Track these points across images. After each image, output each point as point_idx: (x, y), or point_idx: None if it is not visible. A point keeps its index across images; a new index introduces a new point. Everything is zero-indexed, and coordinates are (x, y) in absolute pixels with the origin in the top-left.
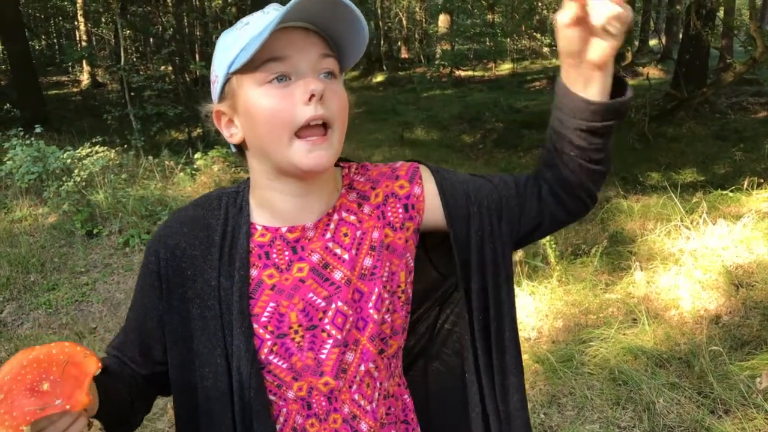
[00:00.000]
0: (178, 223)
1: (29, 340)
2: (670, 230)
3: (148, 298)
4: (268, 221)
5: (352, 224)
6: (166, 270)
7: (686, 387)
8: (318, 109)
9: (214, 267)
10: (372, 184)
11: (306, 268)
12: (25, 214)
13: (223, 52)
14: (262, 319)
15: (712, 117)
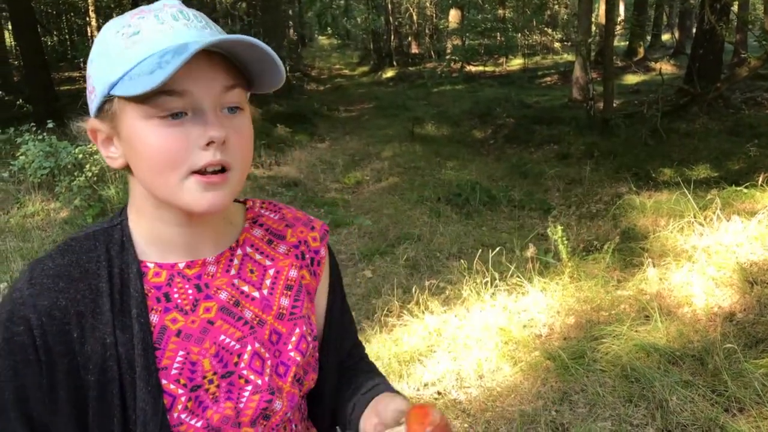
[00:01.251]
0: (47, 277)
1: None
2: (683, 226)
3: (24, 379)
4: (160, 257)
5: (258, 262)
6: (43, 339)
7: (700, 385)
8: (216, 155)
9: (107, 321)
10: (288, 223)
11: (214, 308)
12: (38, 208)
13: (104, 62)
14: (172, 372)
15: (726, 112)
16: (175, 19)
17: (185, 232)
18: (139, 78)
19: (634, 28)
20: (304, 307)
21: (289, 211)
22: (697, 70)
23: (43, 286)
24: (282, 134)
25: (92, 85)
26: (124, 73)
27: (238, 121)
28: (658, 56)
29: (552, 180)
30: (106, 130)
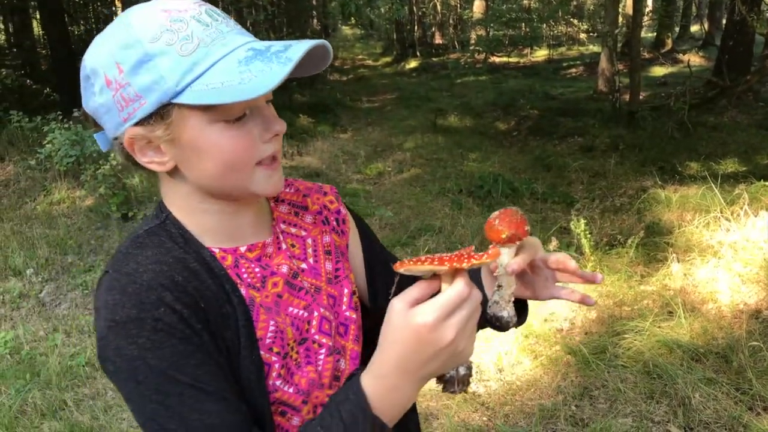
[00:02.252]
0: (150, 265)
1: (67, 320)
2: (709, 222)
3: (195, 357)
4: (222, 243)
5: (295, 235)
6: (188, 310)
7: (723, 382)
8: (276, 145)
9: (215, 294)
10: (304, 193)
11: (280, 282)
12: (63, 196)
13: (149, 68)
14: (267, 341)
15: (756, 106)
16: (215, 20)
17: (228, 220)
18: (225, 88)
19: (662, 18)
20: (345, 268)
21: (300, 183)
22: (726, 62)
23: (153, 271)
24: (304, 124)
25: (135, 94)
26: (192, 81)
27: (274, 110)
28: (687, 48)
29: (576, 173)
30: (153, 137)
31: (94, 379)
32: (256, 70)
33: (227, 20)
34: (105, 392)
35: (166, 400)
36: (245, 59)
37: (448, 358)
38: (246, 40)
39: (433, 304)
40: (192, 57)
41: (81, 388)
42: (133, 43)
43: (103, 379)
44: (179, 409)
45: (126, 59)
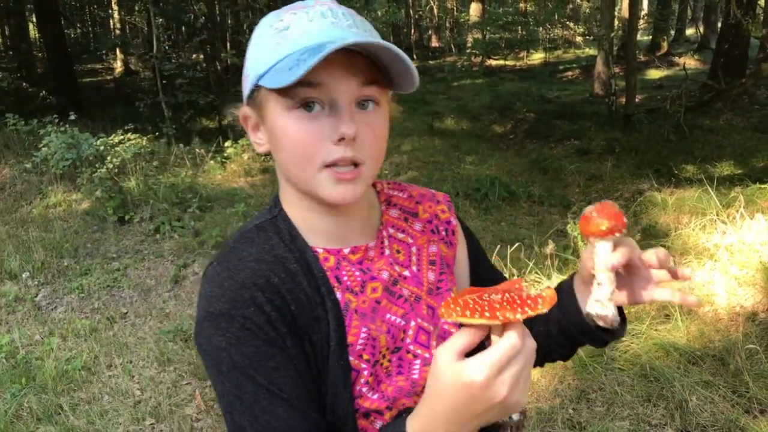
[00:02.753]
0: (250, 263)
1: (63, 324)
2: (705, 224)
3: (273, 359)
4: (325, 243)
5: (402, 241)
6: (276, 312)
7: (720, 385)
8: (347, 152)
9: (309, 297)
10: (417, 200)
11: (380, 288)
12: (60, 199)
13: (256, 53)
14: (357, 347)
15: (751, 108)
16: (324, 17)
17: (336, 221)
18: (281, 73)
19: (658, 22)
20: (448, 280)
21: (413, 188)
22: (721, 65)
23: (252, 269)
24: None
25: (246, 72)
26: (271, 66)
27: (372, 117)
28: (682, 51)
29: (572, 176)
30: (254, 118)
31: (90, 383)
32: (302, 60)
33: (344, 18)
34: (101, 396)
35: (242, 396)
36: (307, 49)
37: (501, 411)
38: (340, 35)
39: (484, 361)
40: (281, 44)
41: (77, 392)
42: (259, 27)
43: (99, 383)
44: (252, 406)
45: (250, 44)
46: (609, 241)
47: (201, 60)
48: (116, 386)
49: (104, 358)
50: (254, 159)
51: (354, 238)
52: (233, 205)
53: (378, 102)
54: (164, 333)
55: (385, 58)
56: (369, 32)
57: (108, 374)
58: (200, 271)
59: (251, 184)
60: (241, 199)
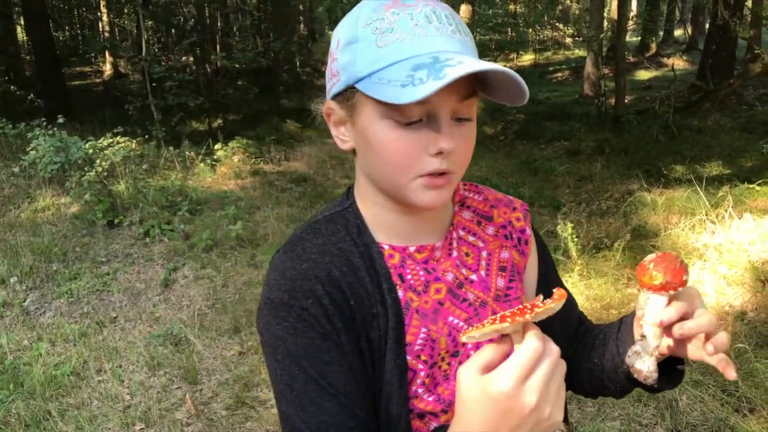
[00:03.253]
0: (313, 254)
1: (51, 329)
2: (694, 224)
3: (327, 353)
4: (392, 240)
5: (472, 244)
6: (333, 307)
7: (710, 385)
8: (443, 164)
9: (369, 292)
10: (492, 203)
11: (444, 289)
12: (48, 203)
13: (353, 52)
14: (416, 347)
15: (739, 109)
16: (429, 21)
17: (406, 219)
18: (389, 86)
19: (647, 23)
20: (518, 288)
21: (490, 192)
22: (709, 66)
23: (314, 261)
24: (291, 129)
25: (336, 69)
26: (373, 72)
27: (466, 130)
28: (671, 52)
29: (562, 176)
30: (341, 115)
31: (79, 388)
32: (417, 78)
33: (448, 22)
34: (90, 401)
35: (293, 384)
36: (419, 65)
37: (535, 425)
38: (448, 45)
39: (507, 369)
40: (385, 49)
41: (66, 398)
42: (353, 23)
43: (88, 388)
44: (301, 396)
45: (343, 36)
46: (663, 295)
47: (191, 62)
48: (105, 391)
49: (93, 363)
50: (244, 162)
51: (422, 236)
52: (223, 208)
53: (472, 118)
54: (154, 337)
55: (498, 79)
56: (467, 36)
57: (97, 379)
58: (190, 275)
59: (241, 186)
60: (231, 202)
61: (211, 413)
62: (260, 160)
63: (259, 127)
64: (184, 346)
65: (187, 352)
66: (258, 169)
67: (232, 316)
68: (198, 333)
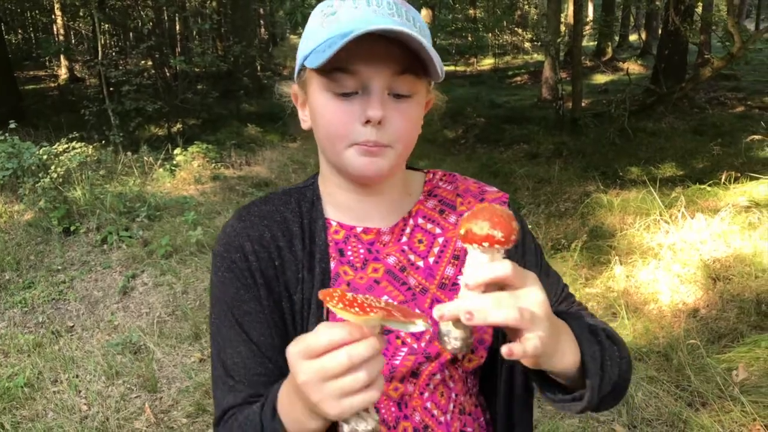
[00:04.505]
0: (254, 216)
1: (5, 339)
2: (649, 224)
3: (248, 305)
4: (341, 218)
5: (428, 231)
6: (258, 263)
7: (664, 380)
8: (373, 134)
9: (298, 259)
10: (459, 193)
11: (381, 269)
12: (0, 210)
13: (306, 34)
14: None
15: (691, 112)
16: (368, 5)
17: (359, 199)
18: (318, 54)
19: (602, 28)
20: None
21: (467, 182)
22: (663, 70)
23: (251, 222)
24: (253, 134)
25: (298, 53)
26: (313, 49)
27: (405, 106)
28: (626, 56)
29: (521, 179)
30: (301, 95)
31: (33, 400)
32: (333, 43)
33: (387, 7)
34: (45, 413)
35: (221, 327)
36: (344, 34)
37: (306, 401)
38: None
39: (302, 336)
40: (326, 29)
41: (19, 410)
42: (316, 10)
43: (43, 400)
44: (224, 338)
45: (307, 23)
46: (485, 252)
47: (149, 66)
48: (62, 402)
49: (49, 374)
50: (204, 167)
51: (375, 220)
52: (183, 214)
53: (412, 95)
54: (112, 345)
55: (414, 47)
56: (411, 22)
57: (53, 390)
58: (149, 282)
59: (201, 191)
60: (191, 207)
61: (171, 421)
62: (221, 164)
63: (220, 132)
64: (144, 355)
65: (146, 360)
66: (218, 174)
67: (192, 323)
68: (157, 341)
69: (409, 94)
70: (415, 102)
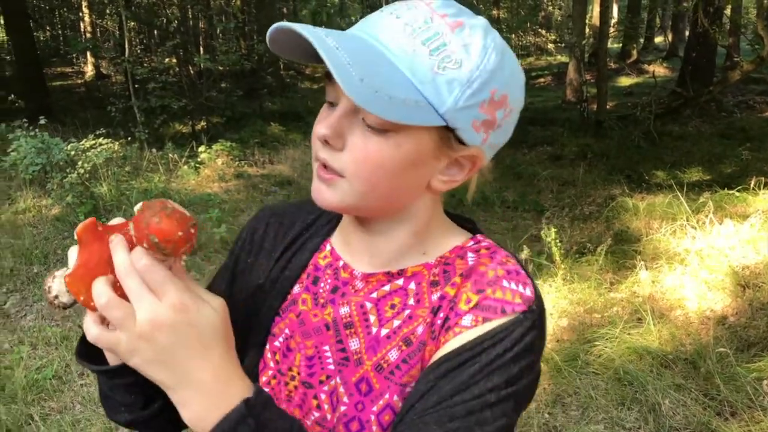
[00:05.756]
0: (270, 211)
1: (33, 332)
2: (675, 230)
3: (219, 278)
4: (339, 246)
5: (406, 299)
6: (239, 252)
7: (692, 388)
8: (322, 153)
9: (268, 267)
10: (463, 273)
11: (330, 316)
12: (29, 205)
13: None
14: (276, 342)
15: (719, 116)
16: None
17: (357, 232)
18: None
19: (628, 30)
20: (408, 373)
21: (489, 263)
22: (690, 73)
23: (263, 213)
24: (276, 132)
25: None
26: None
27: (374, 140)
28: (652, 59)
29: (545, 181)
30: None
31: (61, 392)
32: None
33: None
34: (73, 406)
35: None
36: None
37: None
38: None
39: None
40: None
41: (48, 401)
42: None
43: (71, 392)
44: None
45: None
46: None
47: (174, 64)
48: (88, 395)
49: (76, 367)
50: (228, 164)
51: (363, 261)
52: (207, 211)
53: (387, 128)
54: None
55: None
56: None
57: (80, 383)
58: None
59: (225, 189)
60: (215, 205)
61: None
62: (244, 162)
63: (243, 130)
64: None
65: None
66: (242, 172)
67: None
68: None
69: (378, 128)
70: (392, 143)
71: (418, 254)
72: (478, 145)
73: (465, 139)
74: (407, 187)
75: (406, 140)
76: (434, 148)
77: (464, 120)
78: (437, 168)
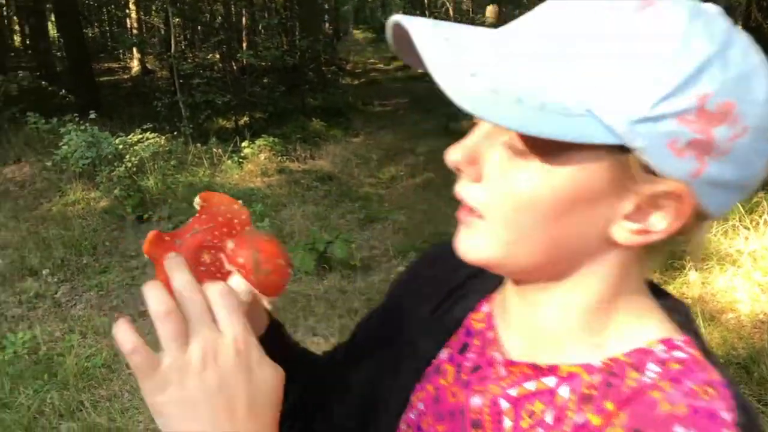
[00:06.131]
0: (440, 249)
1: (82, 321)
2: (727, 230)
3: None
4: (497, 311)
5: (543, 419)
6: (395, 298)
7: (745, 393)
8: (458, 186)
9: (416, 324)
10: (628, 396)
11: (462, 401)
12: (79, 197)
13: None
14: (410, 415)
15: None
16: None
17: (512, 295)
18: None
19: None
20: None
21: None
22: None
23: (426, 258)
24: (317, 128)
25: None
26: None
27: (518, 165)
28: None
29: None
30: None
31: (110, 381)
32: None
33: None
34: (122, 394)
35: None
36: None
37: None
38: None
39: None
40: None
41: (98, 389)
42: None
43: (119, 381)
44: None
45: None
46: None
47: (217, 60)
48: (136, 384)
49: (123, 357)
50: (270, 159)
51: (513, 338)
52: (250, 205)
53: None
54: None
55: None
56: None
57: (128, 372)
58: None
59: (268, 184)
60: (258, 200)
61: None
62: (286, 158)
63: (285, 125)
64: None
65: None
66: (284, 167)
67: None
68: None
69: (524, 149)
70: (542, 169)
71: (587, 344)
72: (680, 177)
73: (656, 167)
74: (574, 236)
75: (566, 167)
76: (610, 180)
77: (651, 136)
78: (618, 210)
